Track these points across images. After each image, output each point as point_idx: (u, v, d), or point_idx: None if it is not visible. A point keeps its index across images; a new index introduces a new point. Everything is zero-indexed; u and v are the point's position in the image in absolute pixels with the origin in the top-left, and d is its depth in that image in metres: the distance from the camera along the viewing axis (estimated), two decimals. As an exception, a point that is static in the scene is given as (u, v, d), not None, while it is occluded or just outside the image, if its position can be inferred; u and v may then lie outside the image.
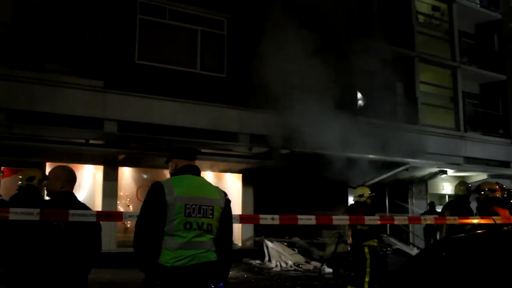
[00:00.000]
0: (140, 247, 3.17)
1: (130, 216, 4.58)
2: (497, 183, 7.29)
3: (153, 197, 3.25)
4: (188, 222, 3.18)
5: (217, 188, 3.49)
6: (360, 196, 8.01)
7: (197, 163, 3.59)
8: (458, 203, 7.27)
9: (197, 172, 3.48)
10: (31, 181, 5.59)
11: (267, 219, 4.83)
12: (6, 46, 11.27)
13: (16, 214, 3.87)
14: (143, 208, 3.28)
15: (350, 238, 7.98)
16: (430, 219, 6.81)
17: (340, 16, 14.00)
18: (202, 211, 3.25)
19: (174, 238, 3.15)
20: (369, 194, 8.07)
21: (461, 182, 7.93)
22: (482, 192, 6.85)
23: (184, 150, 3.60)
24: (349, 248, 8.00)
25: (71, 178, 3.94)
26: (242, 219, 5.21)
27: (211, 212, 3.28)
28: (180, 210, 3.18)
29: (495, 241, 4.44)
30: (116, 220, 6.51)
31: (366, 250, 7.61)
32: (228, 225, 3.44)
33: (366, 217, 6.11)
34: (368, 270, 7.52)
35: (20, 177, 5.67)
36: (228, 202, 3.46)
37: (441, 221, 6.84)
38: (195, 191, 3.30)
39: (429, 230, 14.97)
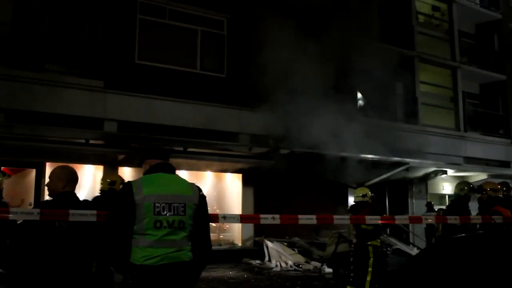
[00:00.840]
0: (108, 247, 3.20)
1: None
2: (503, 182, 7.30)
3: (121, 197, 3.27)
4: (158, 221, 3.17)
5: (191, 184, 3.44)
6: (364, 196, 8.09)
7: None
8: (456, 203, 7.28)
9: (169, 169, 3.46)
10: (113, 185, 5.93)
11: (267, 219, 4.82)
12: (6, 46, 11.27)
13: (16, 214, 3.86)
14: (111, 208, 3.30)
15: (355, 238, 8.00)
16: (431, 218, 6.83)
17: (340, 16, 14.00)
18: (172, 208, 3.22)
19: (145, 237, 3.15)
20: (370, 194, 8.18)
21: (461, 182, 7.94)
22: (484, 192, 6.83)
23: (155, 149, 3.61)
24: (353, 247, 7.99)
25: (73, 178, 3.93)
26: (243, 219, 5.19)
27: (182, 209, 3.25)
28: (149, 209, 3.17)
29: (495, 241, 4.44)
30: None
31: (371, 249, 7.65)
32: (203, 221, 3.40)
33: (368, 217, 6.10)
34: (370, 269, 7.55)
35: (102, 181, 6.03)
36: (202, 198, 3.40)
37: (442, 220, 6.83)
38: (165, 189, 3.28)
39: (430, 230, 14.98)
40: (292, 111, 12.03)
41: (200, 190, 3.44)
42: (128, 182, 3.36)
